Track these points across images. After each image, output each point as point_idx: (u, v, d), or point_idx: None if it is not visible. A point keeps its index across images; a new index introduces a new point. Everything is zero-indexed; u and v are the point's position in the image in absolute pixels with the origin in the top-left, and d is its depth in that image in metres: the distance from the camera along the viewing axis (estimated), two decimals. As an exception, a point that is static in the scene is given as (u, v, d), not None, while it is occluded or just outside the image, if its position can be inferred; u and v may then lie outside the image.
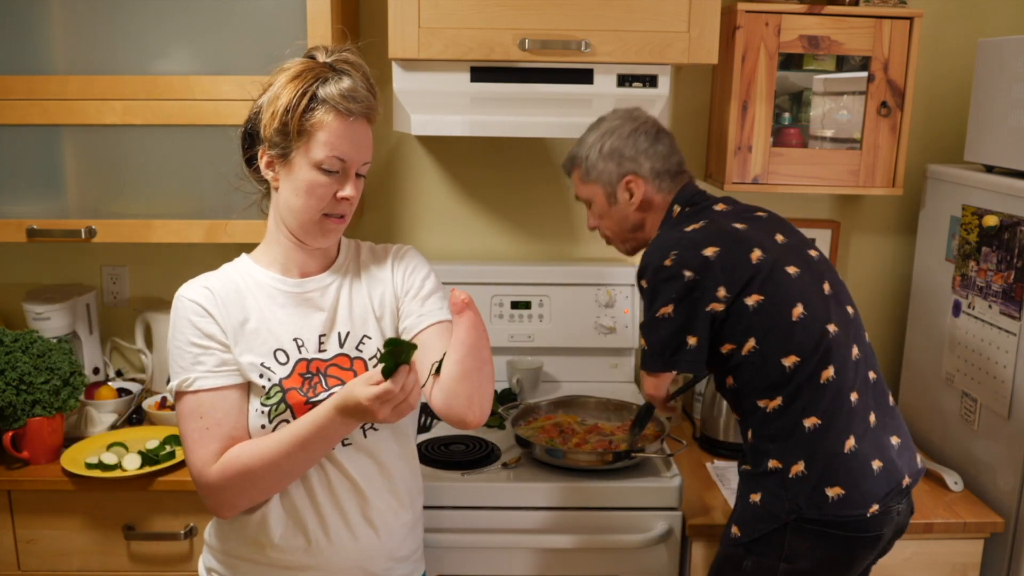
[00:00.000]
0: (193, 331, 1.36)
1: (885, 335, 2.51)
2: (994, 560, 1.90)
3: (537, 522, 1.84)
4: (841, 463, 1.53)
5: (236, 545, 1.42)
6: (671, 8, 1.94)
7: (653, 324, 1.60)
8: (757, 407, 1.58)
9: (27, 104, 1.96)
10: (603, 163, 1.70)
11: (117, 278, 2.40)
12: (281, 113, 1.32)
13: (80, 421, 2.06)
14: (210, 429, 1.34)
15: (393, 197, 2.41)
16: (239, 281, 1.41)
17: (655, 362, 1.62)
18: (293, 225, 1.39)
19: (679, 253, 1.58)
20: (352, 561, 1.42)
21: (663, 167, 1.70)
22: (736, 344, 1.57)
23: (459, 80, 2.00)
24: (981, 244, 1.97)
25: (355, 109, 1.34)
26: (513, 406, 2.11)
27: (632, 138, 1.69)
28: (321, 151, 1.33)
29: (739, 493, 1.64)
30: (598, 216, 1.77)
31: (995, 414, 1.93)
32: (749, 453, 1.62)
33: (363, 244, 1.54)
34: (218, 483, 1.33)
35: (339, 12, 2.00)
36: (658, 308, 1.58)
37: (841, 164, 2.16)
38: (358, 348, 1.42)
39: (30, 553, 1.90)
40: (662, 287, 1.58)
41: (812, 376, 1.54)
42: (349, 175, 1.37)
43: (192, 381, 1.34)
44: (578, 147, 1.75)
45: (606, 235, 1.80)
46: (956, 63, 2.36)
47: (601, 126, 1.73)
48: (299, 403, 1.36)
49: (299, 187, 1.35)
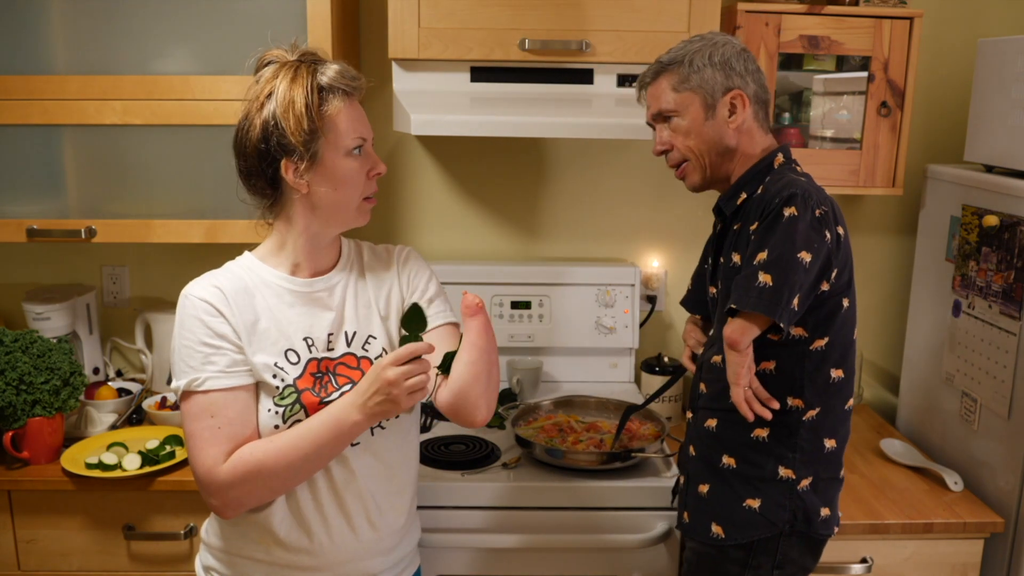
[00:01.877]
0: (204, 330, 1.35)
1: (885, 335, 2.51)
2: (994, 560, 1.90)
3: (537, 522, 1.84)
4: (837, 487, 1.57)
5: (238, 544, 1.43)
6: (671, 8, 1.94)
7: (789, 263, 1.36)
8: (786, 406, 1.49)
9: (27, 104, 1.96)
10: (711, 70, 1.51)
11: (117, 278, 2.40)
12: (305, 113, 1.32)
13: (80, 421, 2.06)
14: (222, 428, 1.33)
15: (393, 197, 2.41)
16: (247, 280, 1.41)
17: (768, 302, 1.35)
18: (331, 219, 1.40)
19: (828, 211, 1.42)
20: (353, 560, 1.43)
21: (764, 96, 1.56)
22: (809, 333, 1.47)
23: (459, 80, 2.00)
24: (981, 244, 1.97)
25: (357, 85, 1.38)
26: (513, 406, 2.11)
27: (743, 56, 1.54)
28: (347, 137, 1.36)
29: (723, 493, 1.54)
30: (684, 133, 1.54)
31: (995, 414, 1.92)
32: (751, 453, 1.52)
33: (363, 244, 1.54)
34: (228, 482, 1.32)
35: (339, 12, 2.00)
36: (800, 248, 1.36)
37: (841, 164, 2.15)
38: (364, 348, 1.43)
39: (30, 553, 1.90)
40: (811, 232, 1.38)
41: (844, 399, 1.54)
42: (371, 152, 1.41)
43: (203, 381, 1.33)
44: (673, 53, 1.55)
45: (683, 157, 1.56)
46: (956, 63, 2.36)
47: (704, 38, 1.55)
48: (313, 403, 1.37)
49: (337, 180, 1.36)
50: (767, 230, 1.40)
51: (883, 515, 1.86)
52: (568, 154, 2.41)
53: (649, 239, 2.46)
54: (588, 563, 1.85)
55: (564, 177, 2.42)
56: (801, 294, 1.38)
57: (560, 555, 1.85)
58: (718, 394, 1.54)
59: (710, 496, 1.56)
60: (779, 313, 1.35)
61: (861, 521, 1.83)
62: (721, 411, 1.55)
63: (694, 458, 1.60)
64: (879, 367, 2.53)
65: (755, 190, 1.50)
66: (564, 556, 1.85)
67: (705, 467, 1.57)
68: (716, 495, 1.55)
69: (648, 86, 1.58)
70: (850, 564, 1.86)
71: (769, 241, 1.39)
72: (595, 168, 2.42)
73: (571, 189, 2.43)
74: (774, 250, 1.37)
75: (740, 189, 1.54)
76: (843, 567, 1.86)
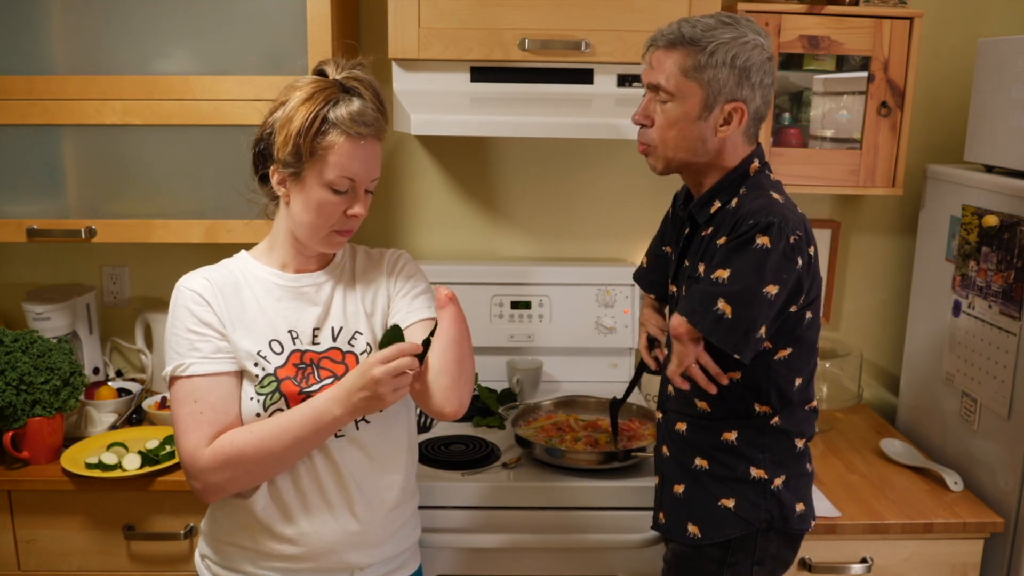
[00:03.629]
0: (191, 318, 1.40)
1: (885, 335, 2.51)
2: (994, 560, 1.90)
3: (537, 522, 1.84)
4: (808, 481, 1.58)
5: (226, 531, 1.46)
6: (671, 8, 1.94)
7: (753, 297, 1.35)
8: (753, 412, 1.51)
9: (27, 104, 1.96)
10: (727, 71, 1.41)
11: (117, 278, 2.40)
12: (294, 136, 1.35)
13: (80, 421, 2.06)
14: (204, 413, 1.37)
15: (392, 197, 2.41)
16: (238, 274, 1.47)
17: (724, 333, 1.36)
18: (302, 237, 1.44)
19: (801, 236, 1.39)
20: (337, 552, 1.45)
21: (764, 113, 1.48)
22: (773, 344, 1.46)
23: (459, 80, 2.00)
24: (981, 244, 1.97)
25: (365, 132, 1.37)
26: (513, 406, 2.11)
27: (765, 67, 1.44)
28: (332, 172, 1.36)
29: (698, 493, 1.54)
30: (670, 121, 1.46)
31: (995, 414, 1.92)
32: (722, 455, 1.52)
33: (359, 248, 1.58)
34: (209, 466, 1.36)
35: (339, 12, 2.00)
36: (768, 282, 1.35)
37: (841, 164, 2.16)
38: (350, 343, 1.47)
39: (30, 553, 1.90)
40: (783, 262, 1.36)
41: (807, 401, 1.55)
42: (359, 193, 1.41)
43: (187, 366, 1.38)
44: (699, 30, 1.42)
45: (654, 139, 1.49)
46: (956, 63, 2.36)
47: (738, 29, 1.42)
48: (293, 393, 1.40)
49: (310, 205, 1.39)
50: (734, 251, 1.38)
51: (883, 515, 1.86)
52: (568, 154, 2.41)
53: (649, 239, 2.45)
54: (588, 563, 1.85)
55: (564, 177, 2.42)
56: (766, 325, 1.39)
57: (560, 555, 1.85)
58: (686, 398, 1.55)
59: (685, 496, 1.56)
60: (736, 346, 1.37)
61: (861, 521, 1.83)
62: (690, 416, 1.56)
63: (668, 459, 1.61)
64: (879, 367, 2.53)
65: (729, 200, 1.48)
66: (564, 556, 1.85)
67: (679, 468, 1.58)
68: (691, 495, 1.56)
69: (659, 49, 1.46)
70: (850, 564, 1.86)
71: (735, 262, 1.37)
72: (595, 168, 2.42)
73: (571, 189, 2.43)
74: (740, 279, 1.36)
75: (714, 197, 1.51)
76: (843, 567, 1.86)
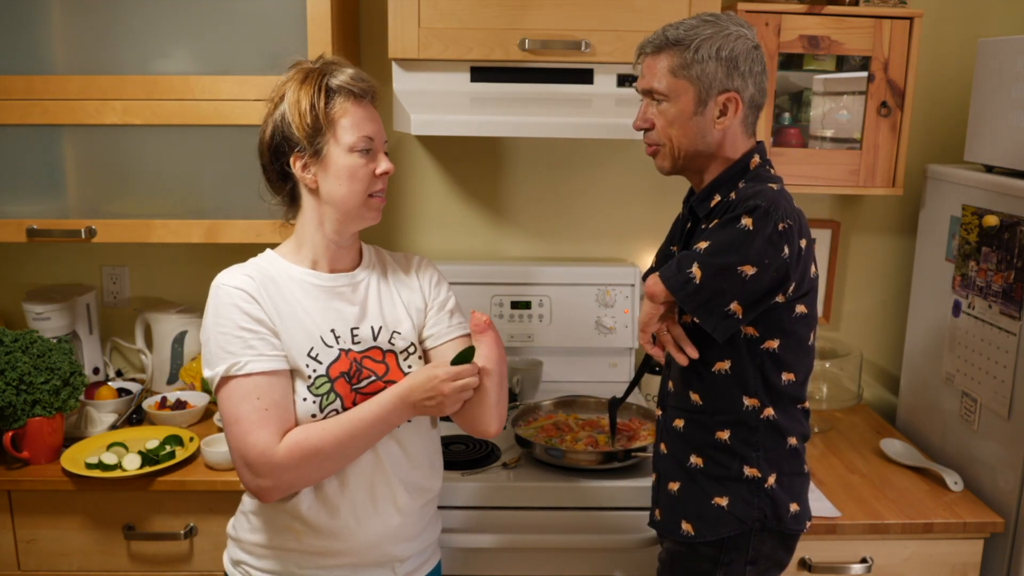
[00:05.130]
0: (242, 316, 1.39)
1: (885, 335, 2.51)
2: (994, 560, 1.90)
3: (537, 522, 1.84)
4: (803, 482, 1.58)
5: (268, 536, 1.47)
6: (671, 8, 1.94)
7: (727, 271, 1.39)
8: (743, 406, 1.50)
9: (27, 104, 1.96)
10: (714, 64, 1.43)
11: (117, 278, 2.40)
12: (309, 111, 1.40)
13: (80, 421, 2.06)
14: (269, 410, 1.36)
15: (393, 197, 2.41)
16: (273, 273, 1.47)
17: (689, 297, 1.41)
18: (340, 215, 1.45)
19: (792, 225, 1.41)
20: (380, 544, 1.48)
21: (761, 100, 1.50)
22: (759, 333, 1.47)
23: (459, 80, 2.00)
24: (981, 244, 1.97)
25: (366, 88, 1.45)
26: (513, 406, 2.11)
27: (752, 55, 1.46)
28: (350, 135, 1.41)
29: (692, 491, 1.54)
30: (668, 120, 1.48)
31: (995, 414, 1.93)
32: (716, 453, 1.52)
33: (381, 249, 1.62)
34: (284, 463, 1.35)
35: (339, 12, 2.00)
36: (747, 262, 1.38)
37: (841, 164, 2.16)
38: (390, 342, 1.50)
39: (30, 553, 1.90)
40: (767, 246, 1.38)
41: (797, 400, 1.54)
42: (379, 152, 1.46)
43: (244, 364, 1.37)
44: (682, 31, 1.46)
45: (659, 141, 1.51)
46: (956, 63, 2.36)
47: (719, 24, 1.46)
48: (346, 392, 1.42)
49: (340, 175, 1.42)
50: (720, 227, 1.43)
51: (883, 515, 1.86)
52: (568, 154, 2.41)
53: (649, 239, 2.46)
54: (589, 563, 1.85)
55: (564, 177, 2.42)
56: (740, 305, 1.41)
57: (561, 555, 1.85)
58: (681, 393, 1.56)
59: (680, 494, 1.56)
60: (697, 311, 1.42)
61: (861, 521, 1.83)
62: (687, 412, 1.56)
63: (665, 456, 1.61)
64: (879, 367, 2.53)
65: (728, 193, 1.49)
66: (565, 556, 1.85)
67: (675, 465, 1.58)
68: (686, 493, 1.56)
69: (648, 56, 1.50)
70: (850, 564, 1.86)
71: (717, 235, 1.42)
72: (595, 168, 2.42)
73: (571, 189, 2.43)
74: (716, 251, 1.41)
75: (714, 191, 1.51)
76: (843, 567, 1.86)
